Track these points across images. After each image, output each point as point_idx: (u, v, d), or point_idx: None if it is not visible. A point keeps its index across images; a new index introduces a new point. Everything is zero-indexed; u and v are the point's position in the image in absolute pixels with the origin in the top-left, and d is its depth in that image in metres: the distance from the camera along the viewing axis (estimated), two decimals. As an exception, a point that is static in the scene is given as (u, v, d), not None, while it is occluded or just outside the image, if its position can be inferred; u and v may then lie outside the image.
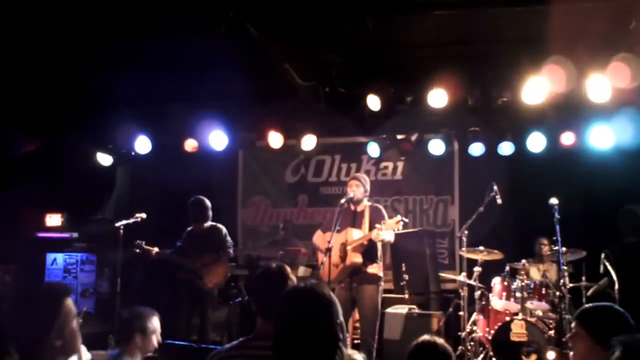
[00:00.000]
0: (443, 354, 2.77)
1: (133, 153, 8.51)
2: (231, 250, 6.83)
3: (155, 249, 6.71)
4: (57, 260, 8.49)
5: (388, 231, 5.56)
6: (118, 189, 8.92)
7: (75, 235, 8.48)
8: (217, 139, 8.14)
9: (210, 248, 6.70)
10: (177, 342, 4.97)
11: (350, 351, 2.40)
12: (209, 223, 6.84)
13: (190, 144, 8.40)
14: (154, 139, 8.34)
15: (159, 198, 8.38)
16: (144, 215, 6.71)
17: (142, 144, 8.34)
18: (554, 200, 5.78)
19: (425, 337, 2.86)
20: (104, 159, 8.56)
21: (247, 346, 2.70)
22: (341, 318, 2.20)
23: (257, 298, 2.83)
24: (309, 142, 8.08)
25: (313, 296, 2.20)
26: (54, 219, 8.62)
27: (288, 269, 2.87)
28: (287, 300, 2.27)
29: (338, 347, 2.14)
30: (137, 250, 6.65)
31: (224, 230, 6.85)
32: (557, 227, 5.69)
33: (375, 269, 5.78)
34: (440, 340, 2.83)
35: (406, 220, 5.53)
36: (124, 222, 6.56)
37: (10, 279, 8.53)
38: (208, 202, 6.90)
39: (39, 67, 7.48)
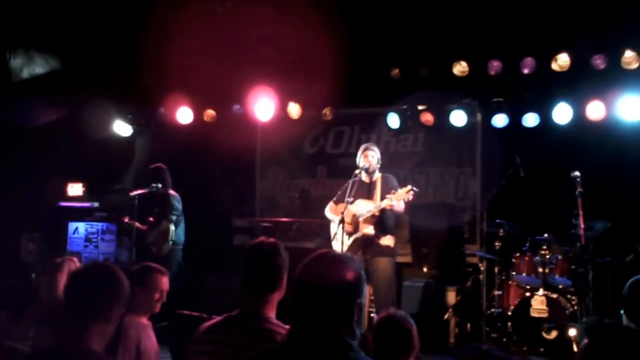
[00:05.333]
0: (401, 329, 2.79)
1: (152, 123, 8.57)
2: (173, 217, 6.81)
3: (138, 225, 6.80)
4: (78, 229, 8.58)
5: (398, 201, 5.43)
6: (137, 159, 8.95)
7: (96, 204, 8.53)
8: (236, 110, 8.10)
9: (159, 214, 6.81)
10: (187, 312, 4.97)
11: None
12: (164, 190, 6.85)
13: (209, 114, 8.37)
14: (174, 110, 8.35)
15: (178, 169, 8.37)
16: (159, 185, 6.72)
17: (162, 115, 8.38)
18: (576, 173, 5.57)
19: (389, 311, 2.91)
20: (124, 129, 8.59)
21: (231, 323, 2.65)
22: (363, 299, 2.02)
23: (246, 274, 2.69)
24: (328, 112, 7.98)
25: (341, 268, 1.99)
26: (75, 189, 8.69)
27: (281, 245, 2.74)
28: (312, 265, 2.02)
29: (351, 328, 1.96)
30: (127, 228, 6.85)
31: (172, 197, 6.85)
32: (579, 201, 5.48)
33: (388, 240, 5.68)
34: (401, 315, 2.85)
35: (417, 189, 5.40)
36: (139, 191, 6.57)
37: (34, 247, 8.68)
38: (164, 169, 6.91)
39: (63, 39, 7.52)
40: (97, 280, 2.38)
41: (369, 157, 5.76)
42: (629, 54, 6.59)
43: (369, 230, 5.58)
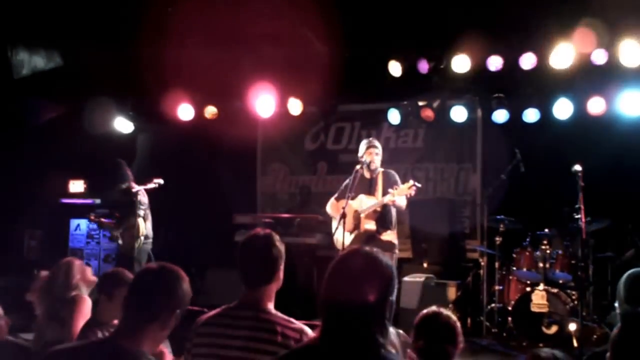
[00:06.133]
0: (445, 325, 2.74)
1: (153, 120, 8.57)
2: (141, 212, 6.68)
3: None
4: (80, 226, 8.62)
5: (400, 196, 5.45)
6: (139, 156, 8.96)
7: (97, 201, 8.55)
8: (237, 106, 8.10)
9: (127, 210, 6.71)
10: (189, 307, 4.97)
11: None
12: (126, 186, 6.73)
13: (209, 111, 8.37)
14: (175, 107, 8.35)
15: (179, 165, 8.40)
16: (161, 181, 6.69)
17: (163, 111, 8.39)
18: (577, 167, 5.56)
19: (432, 309, 2.84)
20: (125, 126, 8.60)
21: (229, 314, 2.67)
22: (394, 296, 1.99)
23: (242, 266, 2.73)
24: (328, 108, 7.99)
25: (373, 263, 1.99)
26: (76, 185, 8.72)
27: (276, 236, 2.76)
28: (345, 264, 2.01)
29: (383, 326, 1.94)
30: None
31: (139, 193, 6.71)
32: (580, 195, 5.47)
33: (389, 236, 5.69)
34: (444, 312, 2.80)
35: (419, 185, 5.40)
36: (141, 187, 6.57)
37: (36, 244, 8.71)
38: (124, 164, 6.84)
39: (64, 35, 7.54)
40: (162, 283, 2.31)
41: (373, 154, 5.77)
42: (629, 50, 6.59)
43: (371, 225, 5.60)
